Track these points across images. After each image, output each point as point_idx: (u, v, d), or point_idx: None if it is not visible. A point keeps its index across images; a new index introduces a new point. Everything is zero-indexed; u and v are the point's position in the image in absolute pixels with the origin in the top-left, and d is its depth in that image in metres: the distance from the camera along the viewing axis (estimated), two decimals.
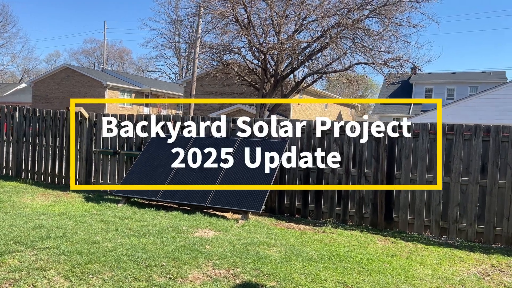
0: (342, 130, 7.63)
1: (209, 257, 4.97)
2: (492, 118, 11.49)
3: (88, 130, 10.04)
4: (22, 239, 5.35)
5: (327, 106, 35.89)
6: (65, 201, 8.39)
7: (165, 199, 7.67)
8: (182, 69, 61.39)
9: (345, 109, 41.05)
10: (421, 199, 7.03)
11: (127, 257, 4.80)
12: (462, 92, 34.51)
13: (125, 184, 8.21)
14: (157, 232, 5.93)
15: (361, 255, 5.39)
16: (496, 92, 16.39)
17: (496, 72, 36.54)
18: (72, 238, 5.49)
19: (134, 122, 9.54)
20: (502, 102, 15.39)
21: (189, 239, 5.67)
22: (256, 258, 4.99)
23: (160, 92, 40.75)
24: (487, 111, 15.03)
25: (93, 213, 7.10)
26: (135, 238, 5.58)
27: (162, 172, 8.09)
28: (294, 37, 17.70)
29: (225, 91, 30.65)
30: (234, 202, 7.14)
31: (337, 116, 38.62)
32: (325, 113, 35.11)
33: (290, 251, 5.41)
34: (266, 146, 7.87)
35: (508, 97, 15.61)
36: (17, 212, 7.11)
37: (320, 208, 7.75)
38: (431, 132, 7.01)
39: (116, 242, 5.37)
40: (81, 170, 10.06)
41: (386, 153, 7.27)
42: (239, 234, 6.10)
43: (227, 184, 7.45)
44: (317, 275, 4.54)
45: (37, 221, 6.35)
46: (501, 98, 15.63)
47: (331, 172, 7.67)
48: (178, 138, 8.72)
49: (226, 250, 5.27)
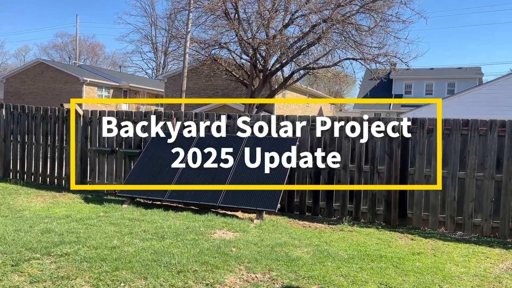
0: (353, 126, 7.52)
1: (239, 260, 4.76)
2: (481, 114, 11.65)
3: (83, 128, 9.60)
4: (34, 245, 5.00)
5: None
6: (64, 202, 7.99)
7: (174, 199, 7.39)
8: (159, 64, 60.42)
9: (325, 104, 41.28)
10: (436, 195, 7.00)
11: (154, 262, 4.54)
12: (440, 88, 35.22)
13: (129, 184, 7.87)
14: (175, 234, 5.67)
15: (390, 254, 5.29)
16: (486, 88, 16.72)
17: (472, 68, 37.42)
18: (87, 243, 5.17)
19: (133, 120, 9.17)
20: (490, 98, 15.73)
21: (211, 241, 5.44)
22: (288, 260, 4.82)
23: (139, 88, 39.90)
24: (477, 107, 15.33)
25: (100, 215, 6.77)
26: (155, 242, 5.31)
27: (168, 172, 7.79)
28: (283, 32, 17.53)
29: (208, 87, 30.28)
30: (248, 201, 6.94)
31: (318, 112, 38.79)
32: (307, 109, 35.18)
33: (318, 251, 5.26)
34: (276, 144, 7.68)
35: (497, 93, 15.95)
36: (17, 216, 6.70)
37: (331, 206, 7.63)
38: (446, 128, 6.98)
39: (137, 246, 5.09)
40: (76, 169, 9.62)
41: (399, 149, 7.20)
42: (260, 235, 5.91)
43: (238, 183, 7.24)
44: (356, 277, 4.40)
45: (43, 225, 5.98)
46: (490, 94, 15.96)
47: (343, 169, 7.55)
48: (181, 136, 8.42)
49: (253, 252, 5.07)
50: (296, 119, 7.93)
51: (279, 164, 7.33)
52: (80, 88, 35.79)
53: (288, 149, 7.52)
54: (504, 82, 16.75)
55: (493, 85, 16.73)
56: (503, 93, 15.83)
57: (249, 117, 8.29)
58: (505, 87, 16.21)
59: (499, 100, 15.48)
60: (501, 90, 15.82)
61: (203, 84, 30.83)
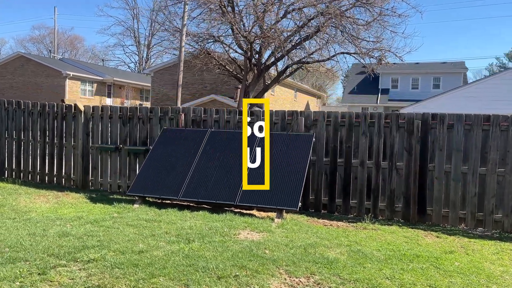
0: (371, 121, 7.39)
1: (276, 263, 4.56)
2: (481, 108, 11.73)
3: (84, 124, 9.22)
4: (56, 251, 4.70)
5: (297, 96, 35.88)
6: (69, 203, 7.64)
7: (188, 198, 7.14)
8: (142, 58, 59.39)
9: (312, 99, 41.26)
10: (456, 191, 6.94)
11: (190, 267, 4.31)
12: (426, 82, 35.59)
13: (139, 183, 7.57)
14: (200, 236, 5.43)
15: (425, 253, 5.18)
16: (487, 82, 16.85)
17: (456, 62, 37.92)
18: (111, 246, 4.90)
19: (138, 116, 8.85)
20: (491, 92, 15.89)
21: (239, 243, 5.22)
22: (326, 262, 4.65)
23: (124, 82, 39.07)
24: (477, 102, 15.45)
25: (114, 216, 6.47)
26: (182, 244, 5.07)
27: (180, 169, 7.52)
28: (279, 25, 17.30)
29: (196, 81, 29.85)
30: (267, 200, 6.74)
31: (305, 106, 38.74)
32: (295, 103, 35.07)
33: (351, 251, 5.11)
34: (292, 140, 7.49)
35: (497, 87, 16.12)
36: (25, 218, 6.35)
37: (348, 203, 7.50)
38: (466, 123, 6.91)
39: (165, 250, 4.84)
40: (77, 167, 9.25)
41: (419, 145, 7.11)
42: (286, 235, 5.72)
43: (255, 180, 7.02)
44: (403, 279, 4.26)
45: (57, 228, 5.67)
46: (491, 88, 16.12)
47: (360, 165, 7.42)
48: (192, 132, 8.15)
49: (288, 254, 4.88)
50: (310, 114, 7.75)
51: (297, 161, 7.14)
52: (62, 82, 34.84)
53: (305, 145, 7.34)
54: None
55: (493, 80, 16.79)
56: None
57: (260, 113, 8.07)
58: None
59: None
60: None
61: (191, 78, 30.33)
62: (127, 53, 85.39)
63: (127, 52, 74.73)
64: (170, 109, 8.66)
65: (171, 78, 31.14)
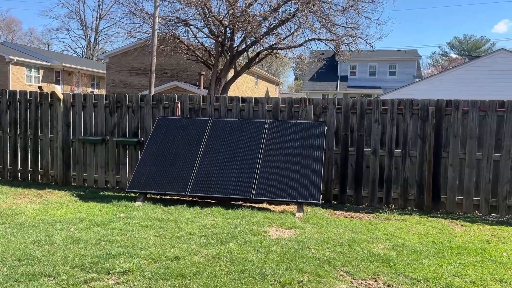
0: (384, 108, 7.17)
1: (331, 263, 4.20)
2: (456, 94, 11.99)
3: (64, 114, 8.32)
4: (78, 262, 4.06)
5: (257, 83, 35.46)
6: (57, 202, 6.84)
7: (198, 194, 6.58)
8: (90, 42, 56.31)
9: (271, 86, 41.01)
10: (470, 178, 6.89)
11: (244, 274, 3.84)
12: (383, 69, 36.43)
13: (138, 178, 6.90)
14: (231, 236, 4.95)
15: (468, 245, 5.02)
16: (461, 69, 17.28)
17: (410, 50, 39.10)
18: (139, 253, 4.32)
19: (127, 105, 8.09)
20: (464, 78, 16.34)
21: (277, 242, 4.81)
22: (380, 260, 4.35)
23: (74, 68, 36.72)
24: (453, 88, 15.83)
25: (120, 216, 5.81)
26: (218, 247, 4.57)
27: (184, 163, 6.93)
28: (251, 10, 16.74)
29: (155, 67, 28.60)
30: (285, 193, 6.33)
31: (265, 93, 38.46)
32: (256, 90, 34.66)
33: (396, 246, 4.85)
34: (302, 128, 7.11)
35: (470, 74, 16.59)
36: (16, 222, 5.54)
37: (360, 193, 7.26)
38: (481, 110, 6.85)
39: (203, 255, 4.32)
40: (56, 162, 8.36)
41: (433, 132, 6.97)
42: (319, 231, 5.36)
43: (269, 172, 6.60)
44: (469, 276, 4.04)
45: (62, 233, 4.97)
46: (464, 75, 16.57)
47: (372, 154, 7.20)
48: (192, 121, 7.55)
49: (335, 252, 4.53)
50: (320, 101, 7.40)
51: (311, 151, 6.79)
52: (5, 68, 32.15)
53: (317, 134, 6.99)
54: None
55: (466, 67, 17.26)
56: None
57: (265, 100, 7.62)
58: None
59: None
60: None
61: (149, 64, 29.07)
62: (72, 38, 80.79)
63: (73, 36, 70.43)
64: (165, 97, 7.98)
65: (127, 64, 29.72)
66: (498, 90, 15.37)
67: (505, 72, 16.28)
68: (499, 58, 17.01)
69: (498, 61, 16.88)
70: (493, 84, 16.10)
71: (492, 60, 17.00)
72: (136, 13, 16.31)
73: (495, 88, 15.66)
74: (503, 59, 17.01)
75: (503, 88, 15.61)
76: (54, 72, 36.17)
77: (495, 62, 16.72)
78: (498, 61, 16.92)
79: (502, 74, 16.37)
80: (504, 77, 16.32)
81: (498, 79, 16.32)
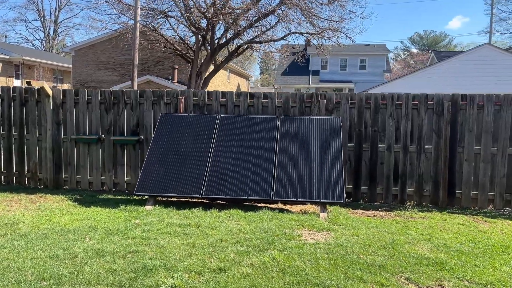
0: (399, 103, 7.00)
1: (386, 270, 3.95)
2: (444, 88, 12.07)
3: (54, 112, 7.66)
4: (112, 279, 3.62)
5: (229, 78, 34.98)
6: (56, 208, 6.26)
7: (213, 196, 6.18)
8: (48, 35, 53.69)
9: (242, 80, 40.62)
10: (485, 173, 6.85)
11: (304, 286, 3.53)
12: (354, 64, 36.78)
13: (145, 180, 6.42)
14: (267, 242, 4.62)
15: (509, 243, 4.92)
16: (446, 64, 17.45)
17: (378, 45, 39.67)
18: (179, 266, 3.91)
19: (125, 101, 7.54)
20: (453, 72, 16.51)
21: (317, 247, 4.52)
22: (433, 263, 4.15)
23: (35, 61, 34.80)
24: (438, 82, 15.99)
25: (136, 223, 5.34)
26: (260, 255, 4.23)
27: (195, 162, 6.50)
28: (230, 2, 16.28)
29: (125, 61, 27.58)
30: (307, 193, 6.05)
31: (237, 87, 38.02)
32: (228, 85, 34.17)
33: (439, 247, 4.67)
34: (317, 124, 6.84)
35: (455, 68, 16.82)
36: (19, 233, 4.98)
37: (374, 190, 7.09)
38: (496, 104, 6.81)
39: (248, 265, 3.97)
40: (45, 164, 7.70)
41: (449, 127, 6.88)
42: (354, 233, 5.11)
43: (287, 172, 6.29)
44: None
45: (80, 245, 4.48)
46: (452, 69, 16.77)
47: (387, 150, 7.03)
48: (198, 118, 7.12)
49: (384, 257, 4.29)
50: (332, 96, 7.15)
51: (329, 148, 6.53)
52: None
53: (333, 130, 6.74)
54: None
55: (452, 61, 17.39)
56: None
57: (275, 96, 7.29)
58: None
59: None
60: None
61: (119, 57, 28.09)
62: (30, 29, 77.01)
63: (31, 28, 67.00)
64: (166, 93, 7.49)
65: (95, 58, 28.51)
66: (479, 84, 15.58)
67: (487, 67, 16.54)
68: (483, 53, 17.22)
69: (481, 55, 17.00)
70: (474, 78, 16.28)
71: (476, 55, 17.11)
72: (112, 3, 15.47)
73: (476, 82, 15.84)
74: (487, 53, 17.17)
75: (483, 82, 15.85)
76: (13, 65, 34.18)
77: (479, 56, 16.86)
78: (480, 56, 16.99)
79: (484, 68, 16.59)
80: (486, 72, 16.47)
81: (480, 73, 16.49)
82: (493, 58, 17.16)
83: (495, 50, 18.39)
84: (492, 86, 14.96)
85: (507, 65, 16.88)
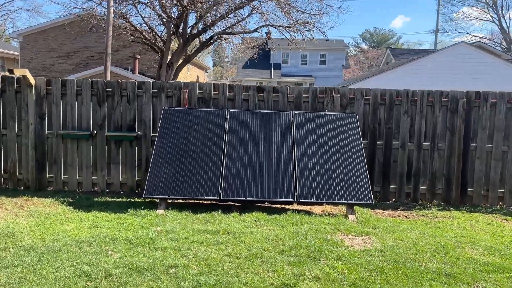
0: (413, 100, 6.84)
1: (459, 279, 3.71)
2: (424, 84, 12.19)
3: (37, 104, 6.81)
4: None
5: (189, 69, 34.01)
6: (51, 214, 5.52)
7: (234, 197, 5.70)
8: None
9: (201, 72, 39.71)
10: (496, 171, 6.86)
11: None
12: (314, 58, 36.99)
13: (155, 181, 5.81)
14: (314, 250, 4.25)
15: None
16: (428, 59, 17.63)
17: (337, 40, 40.08)
18: (235, 282, 3.45)
19: (121, 93, 6.83)
20: (431, 68, 16.76)
21: (371, 254, 4.21)
22: (501, 270, 3.96)
23: None
24: (422, 78, 16.15)
25: (158, 231, 4.77)
26: (315, 265, 3.84)
27: (208, 162, 5.97)
28: None
29: (80, 49, 26.04)
30: (333, 194, 5.71)
31: (196, 79, 37.11)
32: (188, 76, 33.20)
33: (490, 250, 4.51)
34: (334, 120, 6.52)
35: (437, 63, 17.04)
36: (23, 246, 4.28)
37: (387, 188, 6.90)
38: (508, 102, 6.82)
39: (312, 279, 3.58)
40: (27, 162, 6.85)
41: (463, 124, 6.81)
42: (395, 236, 4.84)
43: (309, 171, 5.93)
44: None
45: (107, 260, 3.89)
46: (432, 65, 16.99)
47: (401, 147, 6.86)
48: (206, 112, 6.58)
49: (445, 264, 4.06)
50: (347, 91, 6.86)
51: (349, 146, 6.24)
52: None
53: (351, 127, 6.46)
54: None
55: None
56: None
57: (286, 90, 6.88)
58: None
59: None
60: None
61: (72, 45, 26.40)
62: None
63: None
64: (168, 85, 6.86)
65: (45, 45, 26.62)
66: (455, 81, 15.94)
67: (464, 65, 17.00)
68: (459, 51, 17.68)
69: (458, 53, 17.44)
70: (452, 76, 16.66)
71: (452, 52, 17.54)
72: None
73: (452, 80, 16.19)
74: (463, 51, 17.64)
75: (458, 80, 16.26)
76: None
77: (456, 54, 17.27)
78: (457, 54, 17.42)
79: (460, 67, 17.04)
80: (463, 70, 16.90)
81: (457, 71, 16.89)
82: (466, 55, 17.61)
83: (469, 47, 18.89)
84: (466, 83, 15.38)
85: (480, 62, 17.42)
